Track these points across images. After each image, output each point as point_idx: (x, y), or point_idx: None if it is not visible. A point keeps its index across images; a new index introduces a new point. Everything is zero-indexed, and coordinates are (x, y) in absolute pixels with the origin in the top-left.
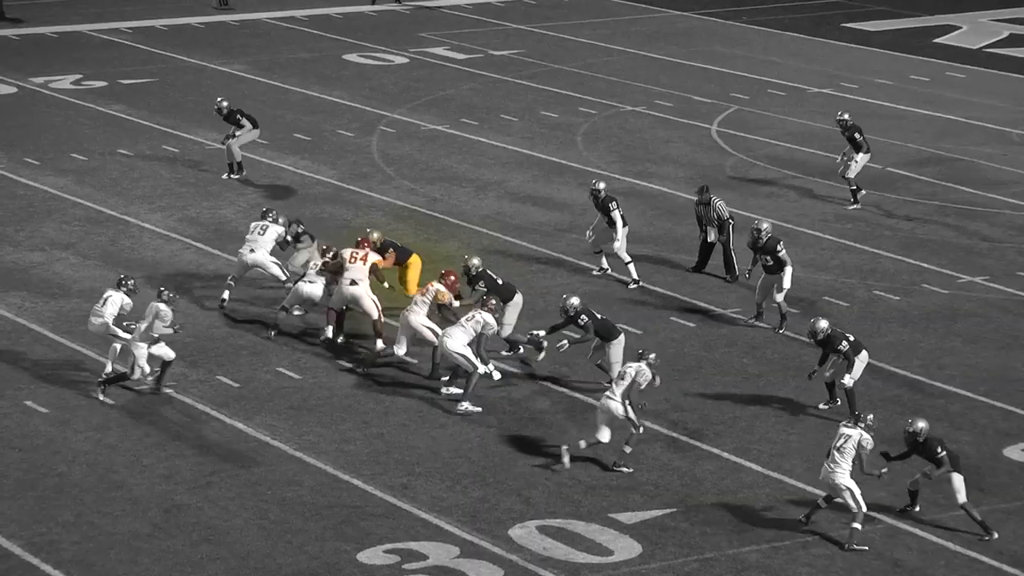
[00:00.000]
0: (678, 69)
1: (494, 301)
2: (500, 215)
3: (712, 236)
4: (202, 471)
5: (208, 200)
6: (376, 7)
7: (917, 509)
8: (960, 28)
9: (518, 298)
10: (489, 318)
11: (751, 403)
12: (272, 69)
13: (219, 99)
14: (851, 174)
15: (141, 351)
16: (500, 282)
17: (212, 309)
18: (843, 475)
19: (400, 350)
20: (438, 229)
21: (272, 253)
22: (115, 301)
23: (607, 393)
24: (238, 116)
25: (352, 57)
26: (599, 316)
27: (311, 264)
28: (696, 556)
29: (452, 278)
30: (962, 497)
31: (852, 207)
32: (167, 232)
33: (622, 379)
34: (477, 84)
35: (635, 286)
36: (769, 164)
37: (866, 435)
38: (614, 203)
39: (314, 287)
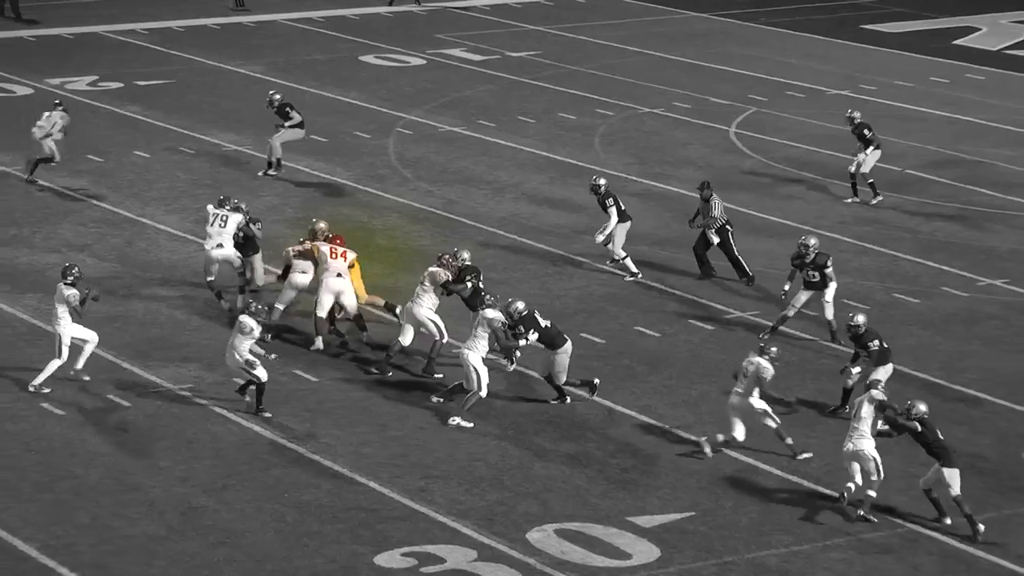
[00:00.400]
0: (696, 70)
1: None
2: (517, 217)
3: (713, 239)
4: (218, 474)
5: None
6: (393, 8)
7: (948, 521)
8: (980, 30)
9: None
10: (496, 314)
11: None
12: (288, 70)
13: (271, 92)
14: (866, 169)
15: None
16: (545, 325)
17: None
18: (867, 443)
19: (405, 340)
20: (455, 231)
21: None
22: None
23: (735, 389)
24: (287, 109)
25: (369, 58)
26: (545, 324)
27: (291, 252)
28: (715, 560)
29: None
30: (956, 491)
31: (875, 201)
32: (183, 234)
33: (745, 376)
34: (494, 85)
35: (632, 279)
36: (787, 166)
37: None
38: (611, 199)
39: (306, 277)
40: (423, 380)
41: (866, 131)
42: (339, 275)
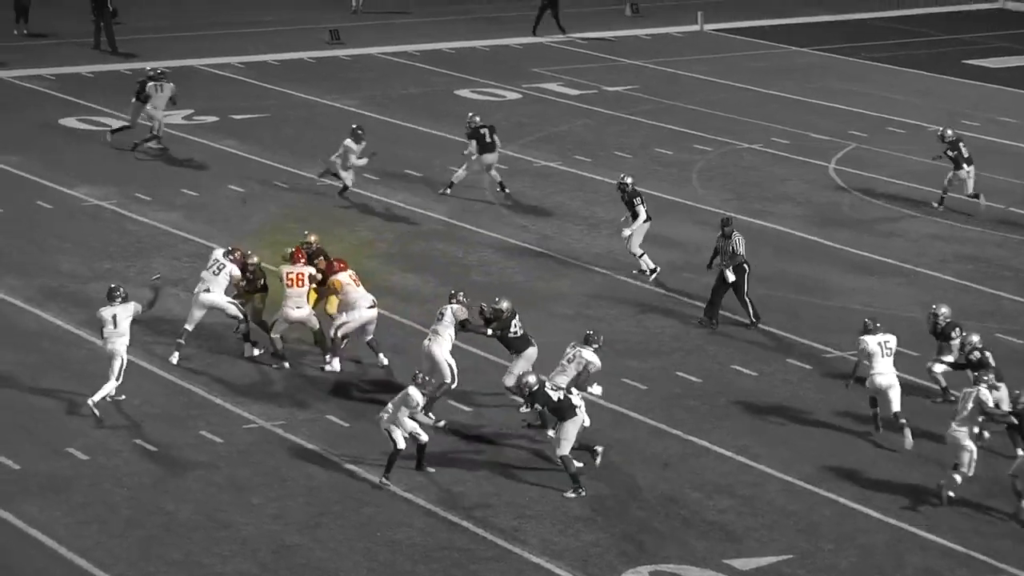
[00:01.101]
0: (795, 105)
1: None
2: (612, 253)
3: (730, 276)
4: (311, 511)
5: (318, 234)
6: (536, 39)
7: None
8: None
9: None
10: (593, 355)
11: (869, 448)
12: (384, 104)
13: (471, 114)
14: (969, 190)
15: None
16: (557, 398)
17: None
18: (964, 436)
19: (454, 383)
20: (550, 268)
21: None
22: (128, 309)
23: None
24: (487, 133)
25: (464, 92)
26: (557, 396)
27: (286, 276)
28: None
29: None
30: None
31: (982, 205)
32: (275, 268)
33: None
34: (590, 120)
35: (653, 276)
36: (888, 203)
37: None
38: (639, 198)
39: (301, 312)
40: (514, 421)
41: (951, 151)
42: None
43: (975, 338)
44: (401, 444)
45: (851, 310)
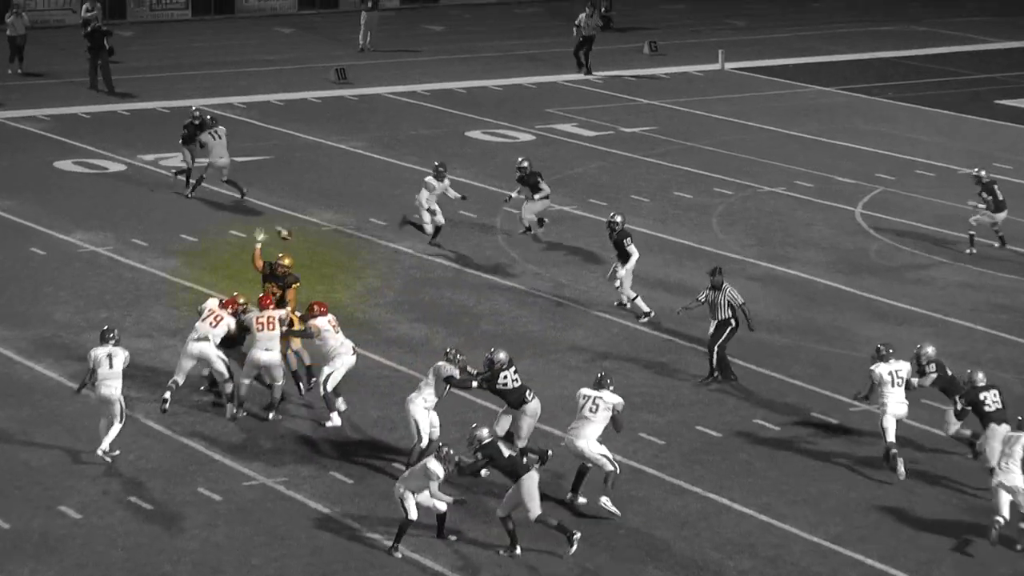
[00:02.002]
0: (819, 147)
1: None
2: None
3: (712, 326)
4: (314, 573)
5: (322, 283)
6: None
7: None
8: None
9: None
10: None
11: (897, 504)
12: (392, 146)
13: (520, 159)
14: (993, 231)
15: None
16: (509, 455)
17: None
18: (1018, 477)
19: (422, 443)
20: (564, 316)
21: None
22: (122, 353)
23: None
24: (538, 179)
25: (475, 134)
26: (509, 453)
27: (255, 320)
28: None
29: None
30: None
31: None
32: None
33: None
34: (606, 162)
35: (646, 319)
36: (916, 249)
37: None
38: (629, 237)
39: (272, 355)
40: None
41: (996, 189)
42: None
43: (930, 350)
44: (413, 515)
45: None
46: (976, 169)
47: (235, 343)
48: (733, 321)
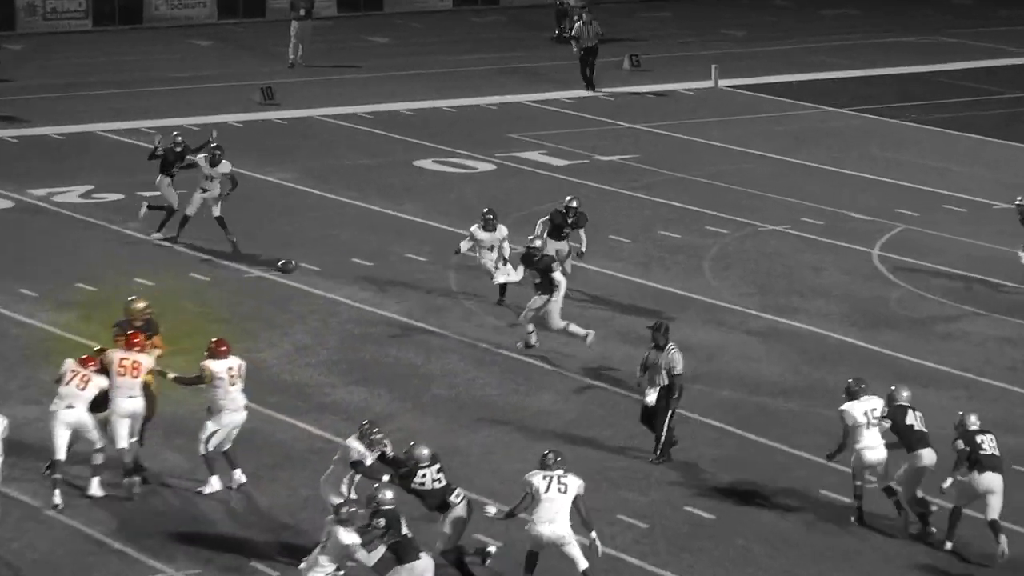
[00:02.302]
0: (830, 178)
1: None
2: (607, 360)
3: (651, 397)
4: None
5: (245, 341)
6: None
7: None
8: None
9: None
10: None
11: None
12: (326, 178)
13: (569, 198)
14: None
15: None
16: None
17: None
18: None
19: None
20: (529, 378)
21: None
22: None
23: None
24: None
25: (425, 163)
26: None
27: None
28: None
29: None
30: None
31: None
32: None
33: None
34: (580, 196)
35: (592, 339)
36: (944, 298)
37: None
38: (557, 263)
39: (135, 402)
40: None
41: None
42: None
43: (905, 394)
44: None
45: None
46: (1021, 199)
47: (104, 406)
48: (677, 388)
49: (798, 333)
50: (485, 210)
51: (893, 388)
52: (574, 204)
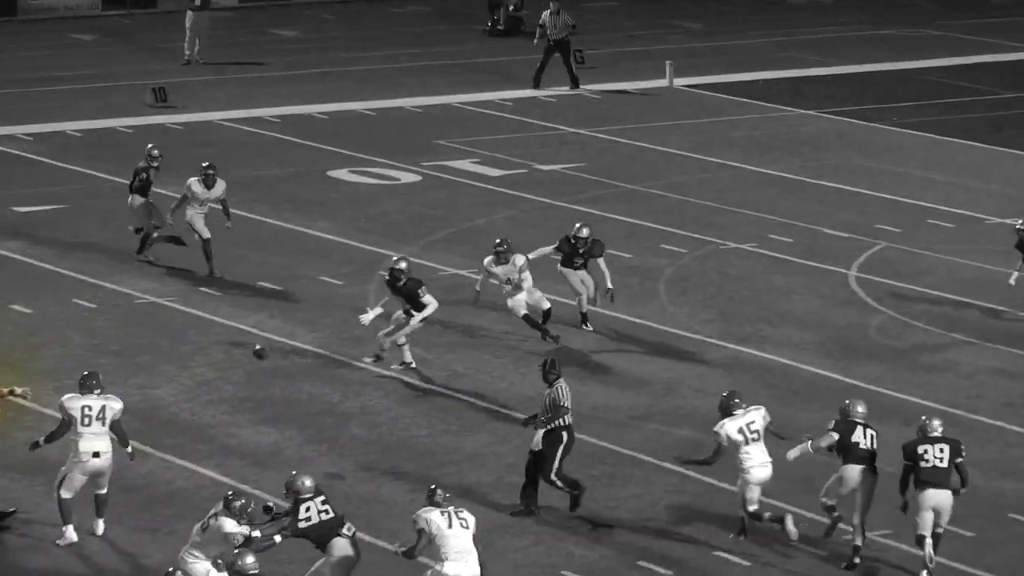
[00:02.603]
0: (802, 190)
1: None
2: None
3: (537, 442)
4: None
5: (139, 376)
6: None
7: None
8: None
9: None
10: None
11: None
12: (228, 191)
13: (579, 225)
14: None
15: None
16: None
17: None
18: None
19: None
20: (460, 416)
21: None
22: None
23: None
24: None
25: (341, 173)
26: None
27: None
28: None
29: None
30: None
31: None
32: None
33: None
34: (517, 211)
35: (412, 366)
36: (930, 324)
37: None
38: (424, 287)
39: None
40: None
41: None
42: None
43: (860, 409)
44: None
45: (885, 473)
46: (1021, 222)
47: None
48: (565, 432)
49: (766, 365)
50: (497, 241)
51: (848, 402)
52: (584, 233)
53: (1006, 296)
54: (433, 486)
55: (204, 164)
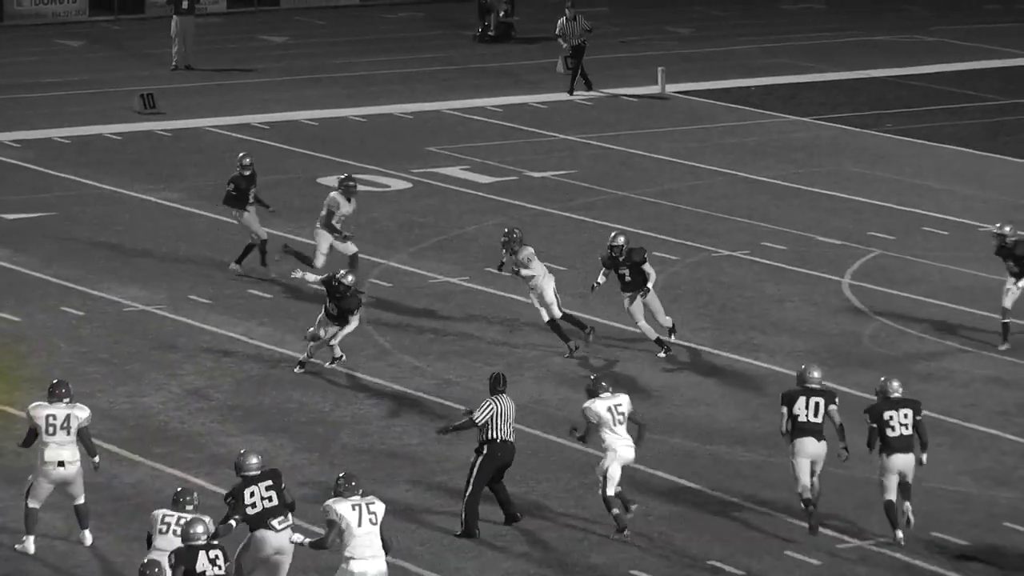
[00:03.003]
0: (794, 197)
1: None
2: (540, 405)
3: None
4: None
5: (127, 384)
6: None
7: None
8: None
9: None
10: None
11: None
12: (216, 199)
13: (615, 235)
14: (1007, 303)
15: None
16: None
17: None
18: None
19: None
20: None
21: None
22: None
23: None
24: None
25: (331, 180)
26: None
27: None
28: None
29: None
30: None
31: (1003, 347)
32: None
33: None
34: (508, 218)
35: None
36: (925, 333)
37: None
38: (361, 296)
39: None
40: None
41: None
42: None
43: (815, 374)
44: None
45: (874, 483)
46: (998, 226)
47: None
48: (486, 447)
49: (758, 373)
50: (506, 230)
51: (803, 366)
52: (620, 241)
53: (997, 304)
54: (340, 474)
55: (343, 176)
